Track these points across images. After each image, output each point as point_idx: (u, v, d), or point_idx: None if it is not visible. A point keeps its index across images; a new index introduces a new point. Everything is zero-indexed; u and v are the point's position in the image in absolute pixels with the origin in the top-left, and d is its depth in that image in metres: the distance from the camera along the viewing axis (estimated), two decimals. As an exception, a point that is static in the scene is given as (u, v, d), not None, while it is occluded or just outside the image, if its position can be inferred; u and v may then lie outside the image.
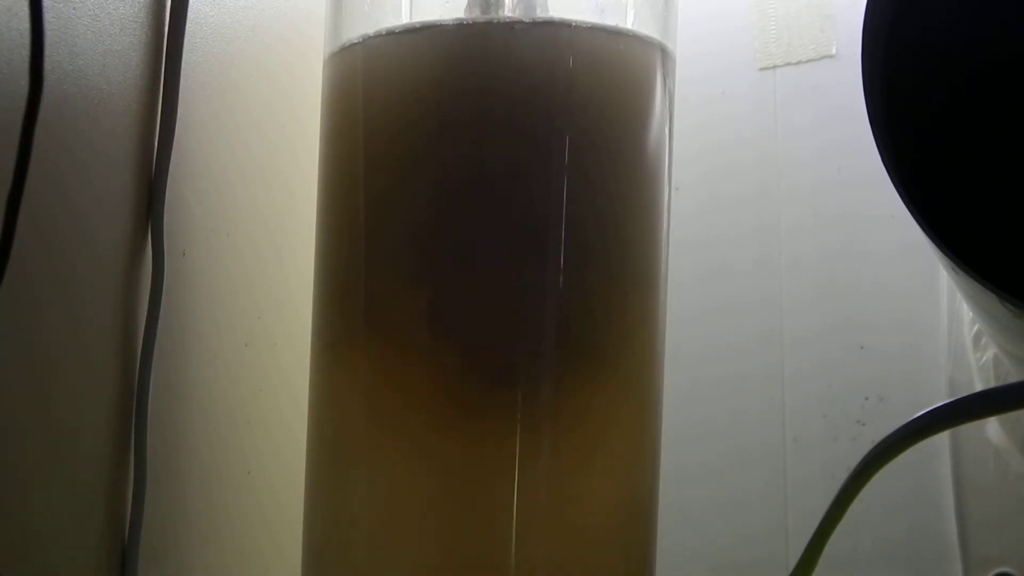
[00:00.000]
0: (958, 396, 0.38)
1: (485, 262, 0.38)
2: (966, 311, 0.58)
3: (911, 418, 0.37)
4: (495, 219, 0.38)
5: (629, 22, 0.41)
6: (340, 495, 0.40)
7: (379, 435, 0.39)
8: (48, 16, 0.33)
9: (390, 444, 0.39)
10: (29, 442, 0.33)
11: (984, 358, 0.56)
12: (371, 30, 0.40)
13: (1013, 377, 0.53)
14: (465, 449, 0.38)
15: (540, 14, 0.40)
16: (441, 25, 0.39)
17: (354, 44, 0.41)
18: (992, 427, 0.56)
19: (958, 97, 0.43)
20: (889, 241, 0.61)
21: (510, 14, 0.40)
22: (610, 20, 0.40)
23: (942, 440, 0.58)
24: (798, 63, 0.64)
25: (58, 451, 0.35)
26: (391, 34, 0.39)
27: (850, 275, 0.62)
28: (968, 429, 0.56)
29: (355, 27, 0.41)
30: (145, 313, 0.39)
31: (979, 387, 0.56)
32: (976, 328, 0.57)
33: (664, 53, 0.41)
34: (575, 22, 0.39)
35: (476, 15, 0.40)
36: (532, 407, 0.38)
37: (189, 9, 0.41)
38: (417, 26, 0.40)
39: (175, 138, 0.41)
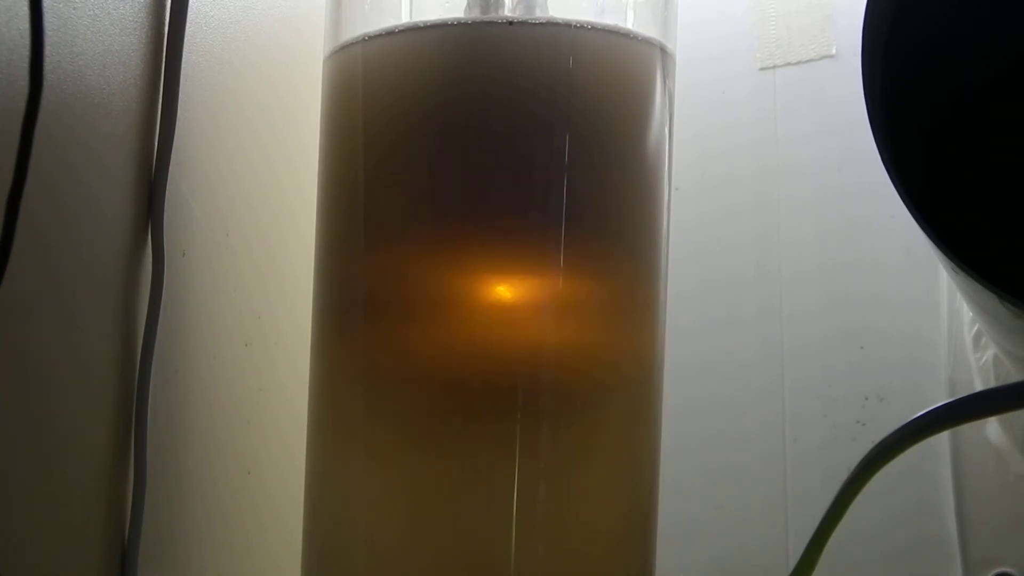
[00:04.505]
0: (958, 396, 0.38)
1: (485, 264, 0.38)
2: (966, 311, 0.58)
3: (911, 418, 0.37)
4: (494, 221, 0.38)
5: (629, 22, 0.41)
6: (340, 494, 0.40)
7: (379, 434, 0.39)
8: (48, 16, 0.33)
9: (389, 444, 0.39)
10: (29, 442, 0.33)
11: (984, 358, 0.56)
12: (371, 29, 0.40)
13: (1013, 377, 0.53)
14: (464, 453, 0.38)
15: (540, 14, 0.40)
16: (441, 25, 0.39)
17: (354, 44, 0.41)
18: (992, 427, 0.56)
19: (958, 97, 0.43)
20: (890, 242, 0.61)
21: (510, 14, 0.40)
22: (610, 20, 0.40)
23: (942, 441, 0.58)
24: (798, 63, 0.64)
25: (58, 451, 0.35)
26: (390, 34, 0.39)
27: (851, 276, 0.62)
28: (968, 429, 0.56)
29: (355, 27, 0.41)
30: (145, 313, 0.39)
31: (979, 387, 0.56)
32: (976, 328, 0.57)
33: (664, 53, 0.41)
34: (575, 22, 0.39)
35: (476, 15, 0.40)
36: (532, 410, 0.38)
37: (189, 9, 0.41)
38: (417, 26, 0.40)
39: (175, 138, 0.40)
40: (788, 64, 0.65)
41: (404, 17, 0.42)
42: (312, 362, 0.42)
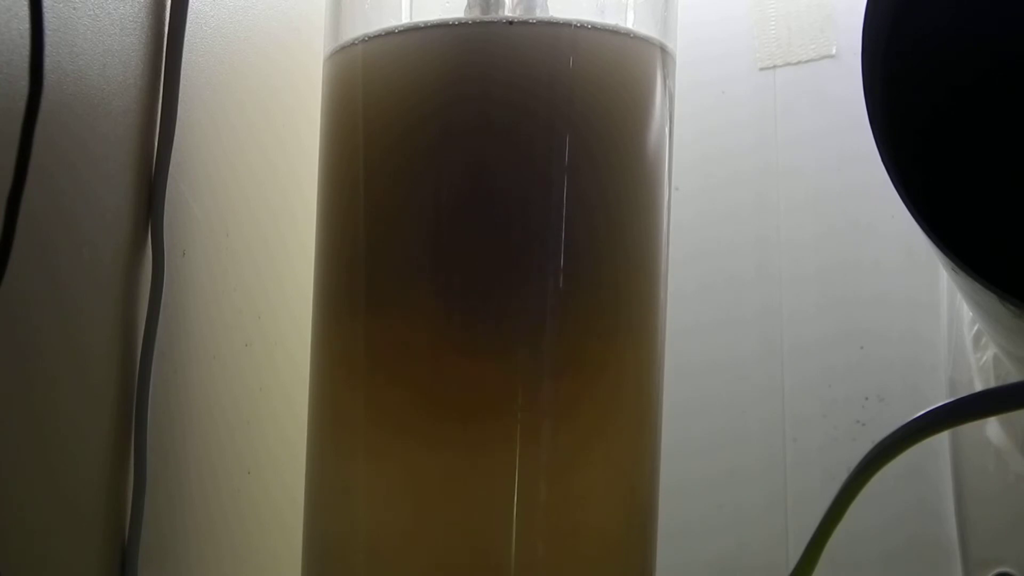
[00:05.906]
0: (958, 396, 0.38)
1: (485, 264, 0.38)
2: (966, 311, 0.58)
3: (911, 418, 0.37)
4: (495, 221, 0.38)
5: (629, 22, 0.41)
6: (340, 493, 0.40)
7: (379, 433, 0.39)
8: (48, 16, 0.33)
9: (389, 443, 0.39)
10: (29, 442, 0.33)
11: (984, 358, 0.56)
12: (371, 30, 0.40)
13: (1013, 377, 0.53)
14: (464, 452, 0.38)
15: (540, 14, 0.40)
16: (441, 25, 0.39)
17: (354, 44, 0.41)
18: (992, 427, 0.56)
19: (958, 97, 0.43)
20: (890, 242, 0.61)
21: (510, 14, 0.40)
22: (610, 20, 0.40)
23: (942, 441, 0.58)
24: (798, 63, 0.64)
25: (58, 451, 0.35)
26: (390, 34, 0.39)
27: (851, 276, 0.62)
28: (968, 429, 0.56)
29: (355, 27, 0.41)
30: (145, 313, 0.39)
31: (979, 387, 0.56)
32: (976, 328, 0.57)
33: (664, 52, 0.41)
34: (575, 22, 0.39)
35: (476, 15, 0.40)
36: (532, 410, 0.38)
37: (189, 9, 0.41)
38: (417, 26, 0.40)
39: (175, 138, 0.40)
40: (788, 64, 0.65)
41: (404, 17, 0.42)
42: (312, 361, 0.42)
